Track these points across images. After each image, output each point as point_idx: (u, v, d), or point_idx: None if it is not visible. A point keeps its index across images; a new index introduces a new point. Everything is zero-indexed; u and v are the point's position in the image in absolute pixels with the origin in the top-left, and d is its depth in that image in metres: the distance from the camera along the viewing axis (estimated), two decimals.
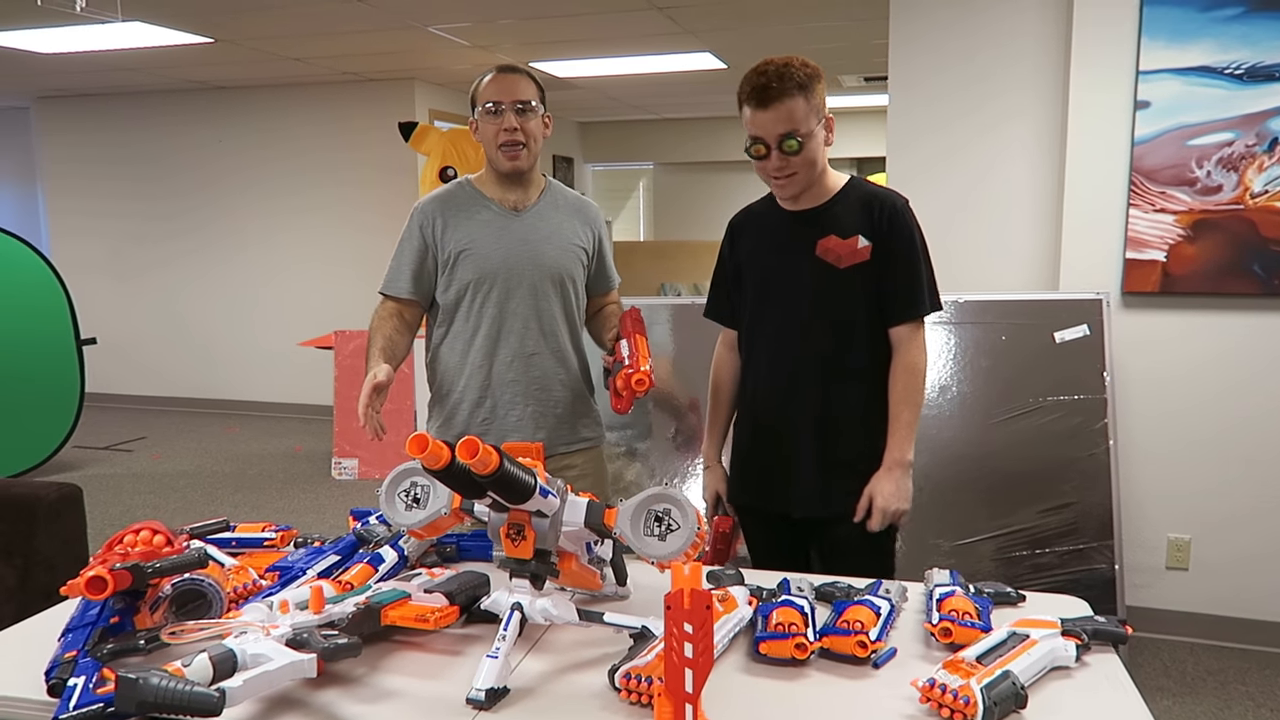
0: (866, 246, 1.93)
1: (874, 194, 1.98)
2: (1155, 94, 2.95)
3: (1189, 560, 3.13)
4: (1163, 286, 3.02)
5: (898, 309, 1.97)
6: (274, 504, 5.02)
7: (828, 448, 1.99)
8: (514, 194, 2.17)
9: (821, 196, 1.98)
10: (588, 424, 2.26)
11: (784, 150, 1.88)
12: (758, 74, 1.88)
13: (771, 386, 2.03)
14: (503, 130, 2.08)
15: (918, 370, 1.98)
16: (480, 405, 2.15)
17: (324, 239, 7.13)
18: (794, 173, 1.91)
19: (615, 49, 5.77)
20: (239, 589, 1.55)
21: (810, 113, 1.88)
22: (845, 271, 1.94)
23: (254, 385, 7.40)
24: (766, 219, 2.07)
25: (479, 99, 2.12)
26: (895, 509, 1.95)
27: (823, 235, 1.95)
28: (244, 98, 7.15)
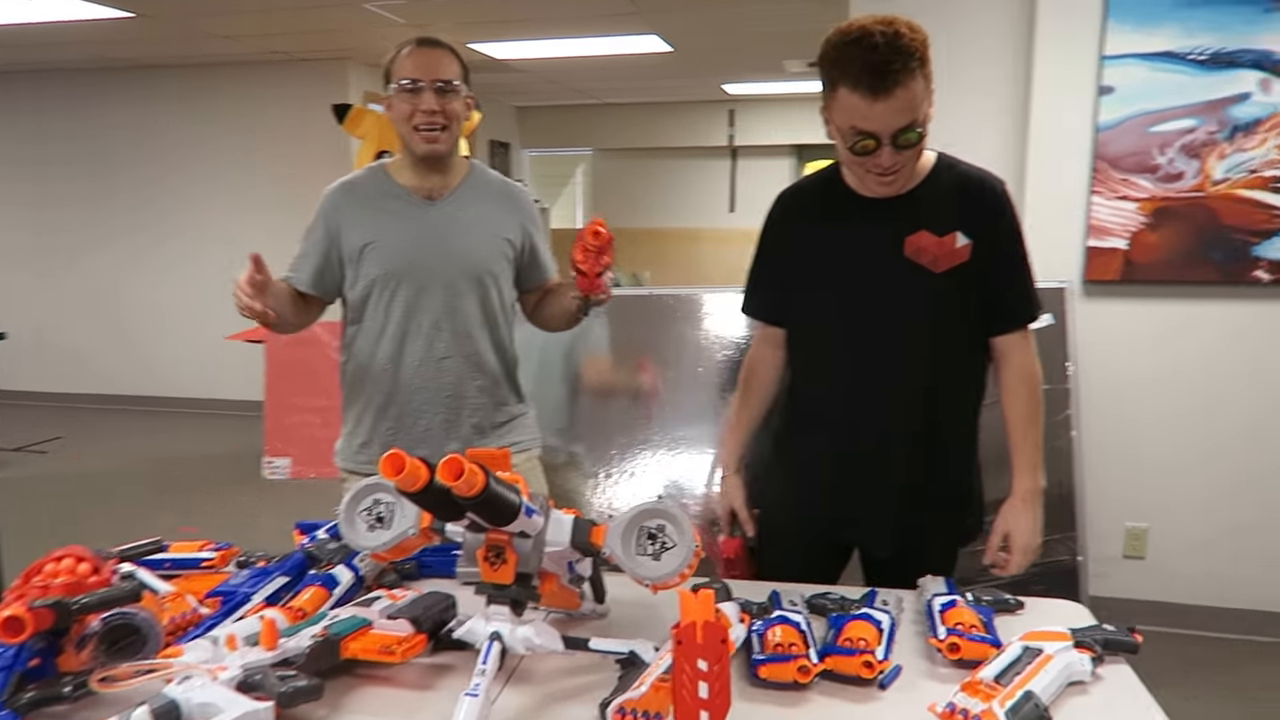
0: (966, 245, 1.62)
1: (970, 177, 1.68)
2: (1120, 79, 2.92)
3: (1146, 549, 3.14)
4: (1124, 275, 3.01)
5: (1009, 314, 1.70)
6: (203, 507, 4.77)
7: (929, 482, 1.72)
8: (430, 180, 1.96)
9: (910, 181, 1.65)
10: (511, 431, 2.06)
11: (900, 145, 1.54)
12: (865, 48, 1.49)
13: (848, 399, 1.72)
14: (419, 111, 1.87)
15: (1037, 382, 1.73)
16: (385, 413, 1.99)
17: (254, 226, 6.82)
18: (903, 167, 1.59)
19: (559, 29, 5.61)
20: (177, 619, 1.40)
21: (926, 93, 1.54)
22: (943, 276, 1.63)
23: (180, 381, 7.08)
24: (834, 202, 1.70)
25: (394, 74, 1.90)
26: (1036, 546, 1.73)
27: (912, 230, 1.63)
28: (170, 77, 6.80)
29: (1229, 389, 3.04)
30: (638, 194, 10.00)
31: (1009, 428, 1.74)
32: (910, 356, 1.67)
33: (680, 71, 7.04)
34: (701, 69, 6.98)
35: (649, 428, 3.07)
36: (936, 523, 1.77)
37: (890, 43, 1.49)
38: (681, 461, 3.04)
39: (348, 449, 2.07)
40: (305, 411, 5.28)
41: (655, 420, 3.08)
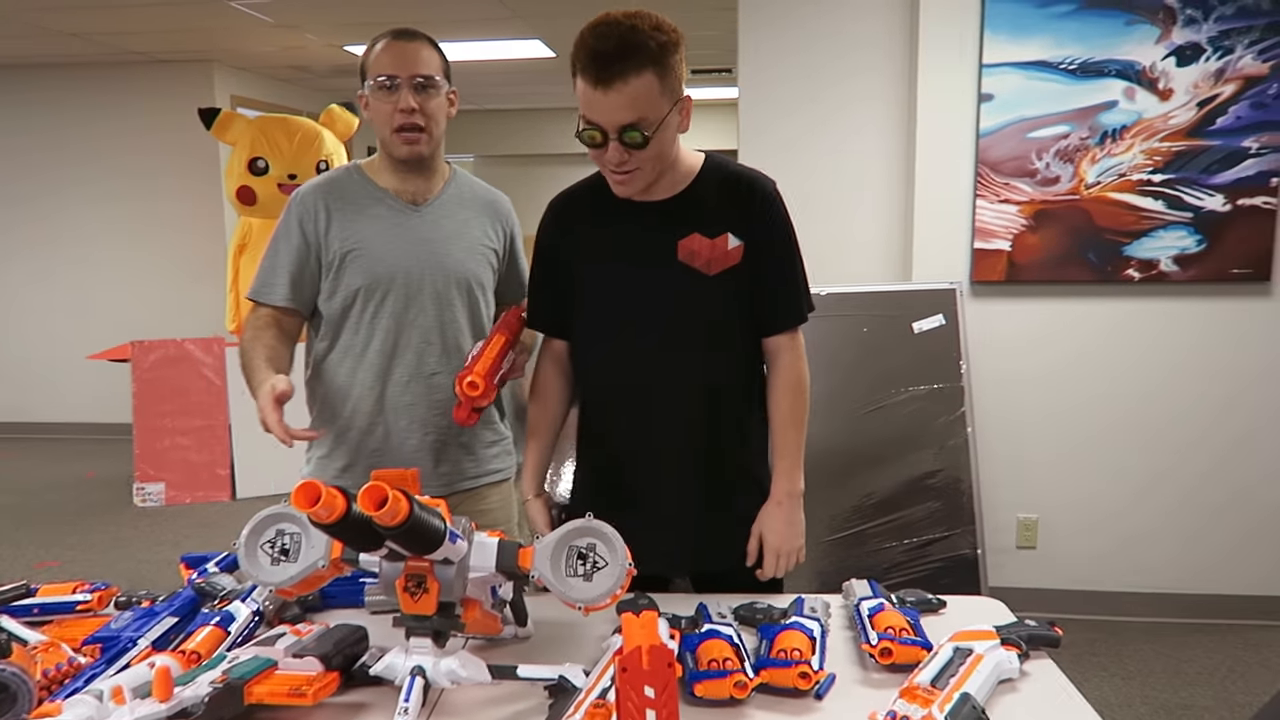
0: (738, 247, 1.59)
1: (740, 177, 1.64)
2: (998, 87, 3.03)
3: (1037, 539, 3.26)
4: (1008, 275, 3.11)
5: (777, 315, 1.65)
6: (67, 539, 4.42)
7: (708, 487, 1.66)
8: (413, 184, 1.83)
9: (677, 184, 1.61)
10: (498, 454, 1.94)
11: (625, 143, 1.48)
12: (598, 36, 1.46)
13: (632, 419, 1.66)
14: (399, 111, 1.74)
15: (802, 385, 1.68)
16: (371, 433, 1.81)
17: (116, 238, 6.42)
18: (636, 168, 1.53)
19: (439, 33, 5.39)
20: (51, 672, 1.26)
21: (663, 95, 1.47)
22: (715, 279, 1.60)
23: (34, 404, 6.57)
24: (604, 207, 1.64)
25: (369, 70, 1.77)
26: (789, 549, 1.66)
27: (684, 234, 1.59)
28: (15, 78, 6.31)
29: (1107, 383, 3.18)
30: (521, 201, 9.72)
31: (772, 430, 1.68)
32: (688, 362, 1.62)
33: (564, 78, 6.96)
34: None
35: None
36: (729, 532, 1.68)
37: (624, 35, 1.45)
38: None
39: (324, 473, 1.84)
40: (178, 434, 4.97)
41: None
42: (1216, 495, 3.20)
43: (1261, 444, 3.16)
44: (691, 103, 1.56)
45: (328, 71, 6.59)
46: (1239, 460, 3.17)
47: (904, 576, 2.83)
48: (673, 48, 1.48)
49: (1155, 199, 3.03)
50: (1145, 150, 3.01)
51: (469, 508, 1.85)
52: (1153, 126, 3.00)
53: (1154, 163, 3.01)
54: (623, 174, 1.55)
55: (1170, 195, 3.02)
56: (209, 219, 6.16)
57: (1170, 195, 3.02)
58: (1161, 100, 2.99)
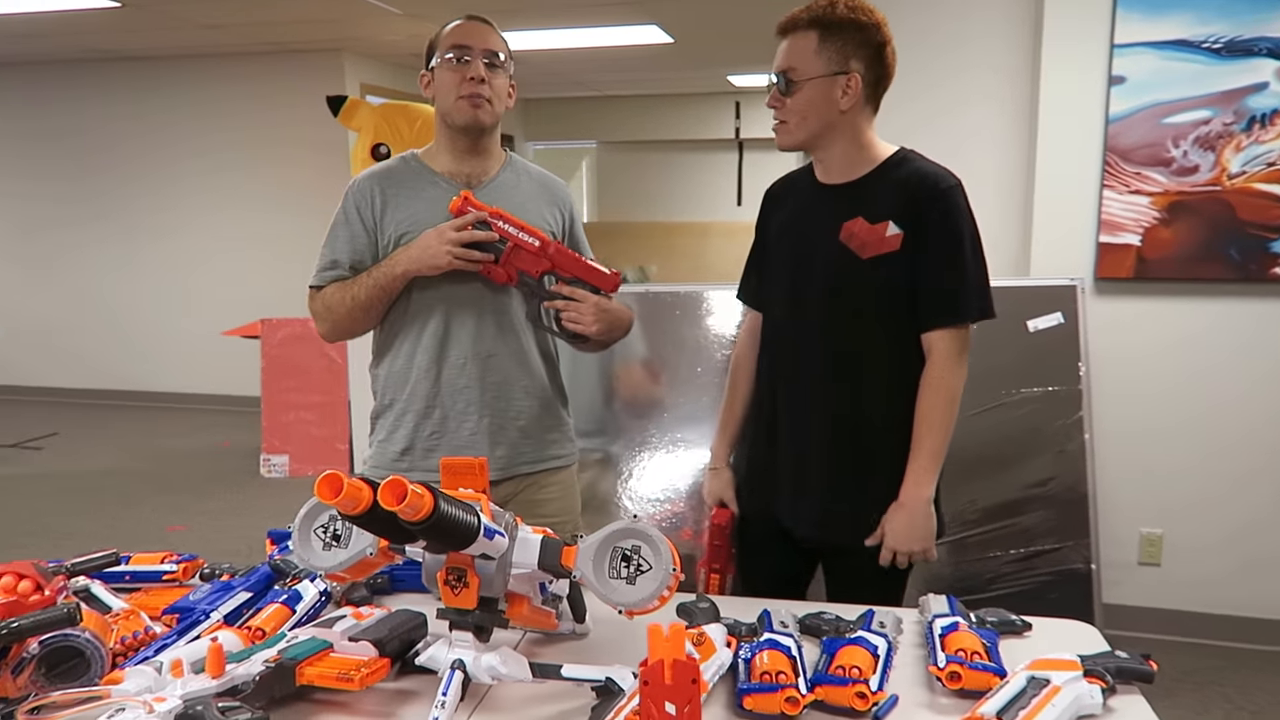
0: (896, 235, 1.63)
1: (918, 172, 1.67)
2: (1131, 69, 2.81)
3: (1161, 555, 3.04)
4: (1137, 272, 2.90)
5: (930, 311, 1.66)
6: (197, 506, 4.70)
7: (837, 463, 1.72)
8: (469, 165, 1.85)
9: (858, 170, 1.69)
10: (557, 440, 1.94)
11: (780, 89, 1.66)
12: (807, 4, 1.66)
13: (780, 384, 1.78)
14: (466, 80, 1.76)
15: (945, 388, 1.67)
16: (428, 417, 1.83)
17: (248, 220, 6.77)
18: (783, 120, 1.68)
19: (560, 19, 5.51)
20: (127, 639, 1.31)
21: (819, 56, 1.62)
22: (868, 262, 1.64)
23: (176, 376, 7.02)
24: (801, 189, 1.80)
25: (440, 45, 1.80)
26: (908, 550, 1.69)
27: (850, 216, 1.66)
28: (159, 69, 6.73)
29: (1246, 389, 2.93)
30: (643, 187, 9.91)
31: (914, 429, 1.70)
32: (834, 340, 1.71)
33: (683, 63, 6.93)
34: (705, 60, 6.87)
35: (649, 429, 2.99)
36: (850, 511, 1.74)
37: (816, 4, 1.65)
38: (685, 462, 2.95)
39: (383, 456, 1.88)
40: (301, 409, 5.20)
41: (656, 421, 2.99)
42: None
43: None
44: (859, 83, 1.64)
45: None
46: None
47: (1008, 589, 2.68)
48: (852, 25, 1.63)
49: None
50: None
51: (529, 495, 1.88)
52: None
53: None
54: (776, 121, 1.70)
55: None
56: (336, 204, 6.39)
57: None
58: None
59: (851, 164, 1.70)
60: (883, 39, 1.66)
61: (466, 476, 1.21)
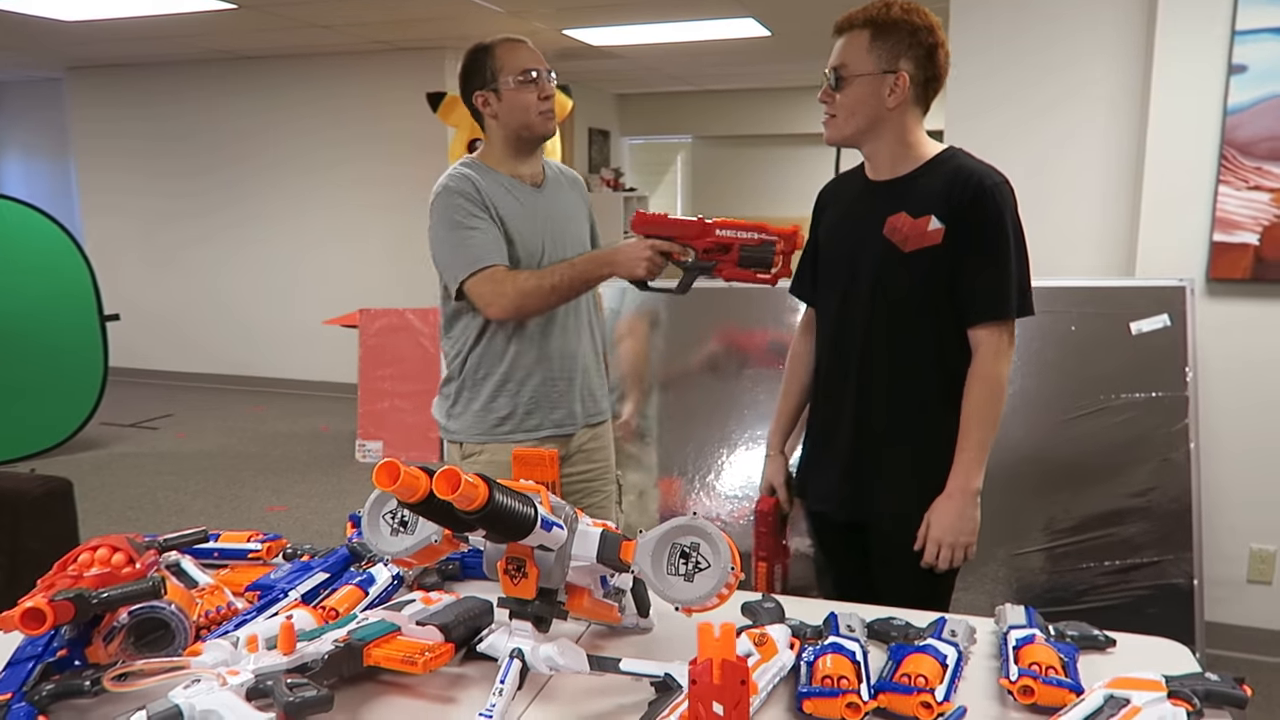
0: (938, 230, 1.67)
1: (962, 169, 1.71)
2: (1253, 56, 2.64)
3: (1274, 573, 2.86)
4: (1255, 273, 2.72)
5: (975, 307, 1.71)
6: (296, 487, 4.88)
7: (872, 446, 1.79)
8: (529, 168, 2.11)
9: (905, 167, 1.75)
10: (606, 396, 2.28)
11: (831, 84, 1.72)
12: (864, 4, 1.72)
13: (825, 377, 1.87)
14: (542, 98, 2.03)
15: (993, 382, 1.71)
16: (526, 384, 2.08)
17: (351, 214, 6.98)
18: (833, 114, 1.74)
19: (655, 14, 5.51)
20: (211, 613, 1.37)
21: (870, 54, 1.68)
22: (910, 256, 1.69)
23: (281, 362, 7.30)
24: (850, 187, 1.87)
25: (505, 68, 2.03)
26: (952, 542, 1.72)
27: (894, 210, 1.72)
28: (271, 68, 6.99)
29: None
30: (738, 182, 9.84)
31: (960, 422, 1.73)
32: (875, 337, 1.75)
33: (780, 56, 6.85)
34: (801, 53, 6.76)
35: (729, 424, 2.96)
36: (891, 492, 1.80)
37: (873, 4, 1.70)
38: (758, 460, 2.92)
39: (482, 424, 2.11)
40: (396, 396, 5.35)
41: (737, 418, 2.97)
42: None
43: None
44: (907, 82, 1.68)
45: (551, 55, 6.78)
46: None
47: (1103, 602, 2.57)
48: (903, 26, 1.67)
49: None
50: None
51: (589, 444, 2.21)
52: None
53: None
54: (825, 115, 1.76)
55: None
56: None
57: None
58: None
59: (897, 161, 1.75)
60: (935, 41, 1.70)
61: (537, 468, 1.22)
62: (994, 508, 2.63)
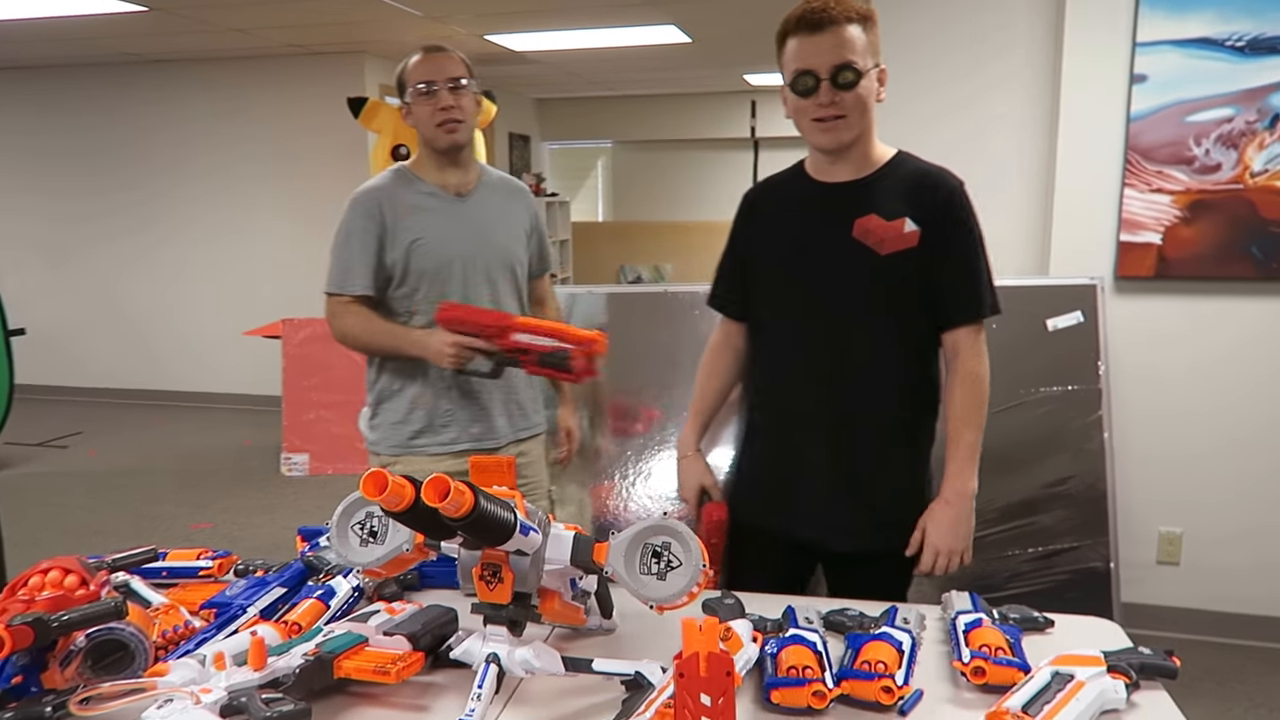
0: (914, 232, 1.65)
1: (927, 172, 1.71)
2: (1153, 67, 2.81)
3: (1180, 554, 3.04)
4: (1158, 271, 2.89)
5: (956, 309, 1.69)
6: (220, 503, 4.75)
7: (858, 465, 1.72)
8: (454, 177, 2.09)
9: (864, 168, 1.70)
10: (537, 409, 2.26)
11: (838, 84, 1.59)
12: (807, 5, 1.63)
13: (792, 385, 1.76)
14: (438, 109, 2.01)
15: (980, 381, 1.71)
16: (442, 397, 2.07)
17: (270, 221, 6.82)
18: (844, 115, 1.62)
19: (577, 20, 5.53)
20: (168, 633, 1.35)
21: (867, 49, 1.62)
22: (886, 259, 1.65)
23: (198, 375, 7.08)
24: (792, 190, 1.78)
25: (409, 80, 2.05)
26: (950, 549, 1.71)
27: (862, 213, 1.66)
28: (183, 71, 6.78)
29: (1266, 388, 2.92)
30: (659, 186, 9.92)
31: (949, 425, 1.73)
32: (854, 341, 1.70)
33: (700, 62, 6.94)
34: (722, 60, 6.88)
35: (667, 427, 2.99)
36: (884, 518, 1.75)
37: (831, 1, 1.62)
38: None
39: (397, 435, 2.11)
40: (322, 407, 5.25)
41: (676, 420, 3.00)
42: None
43: None
44: (887, 74, 1.68)
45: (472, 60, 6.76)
46: None
47: (1027, 587, 2.69)
48: (871, 19, 1.64)
49: None
50: None
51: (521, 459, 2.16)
52: None
53: None
54: (831, 118, 1.63)
55: None
56: None
57: None
58: None
59: (866, 160, 1.71)
60: None
61: (495, 474, 1.24)
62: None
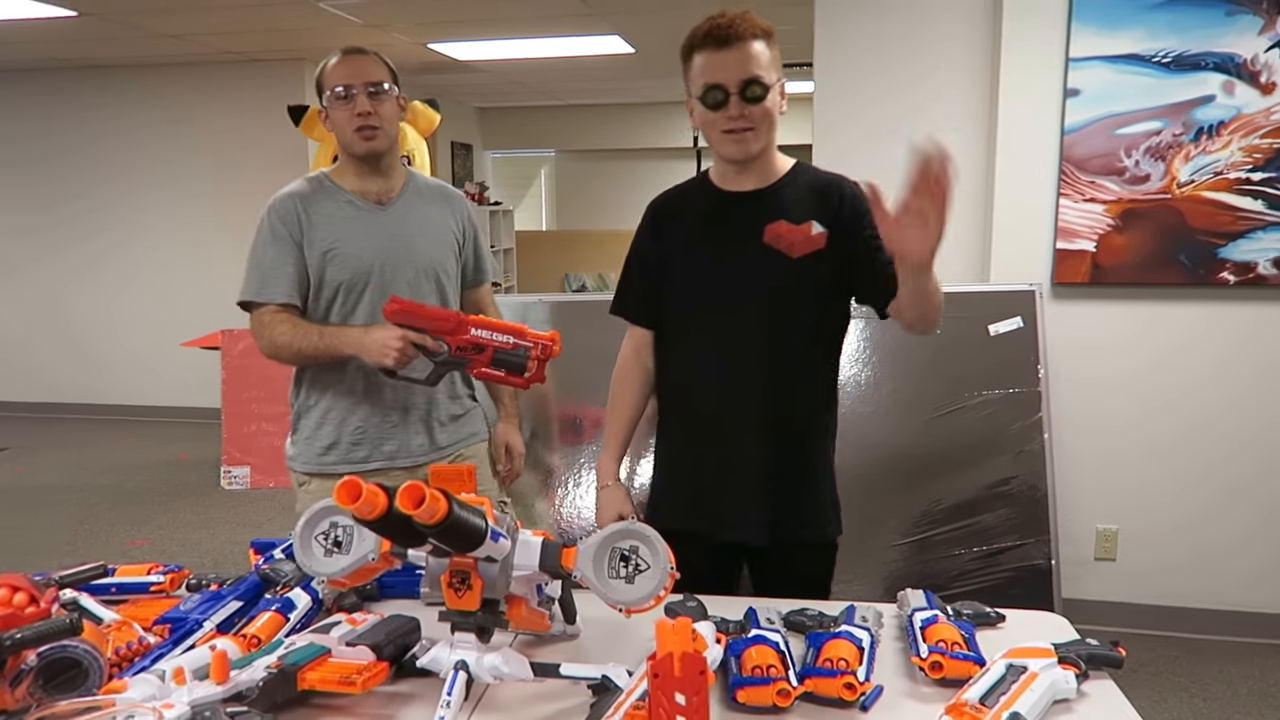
0: (821, 234, 1.72)
1: (827, 177, 1.79)
2: (1085, 82, 2.91)
3: (1116, 551, 3.14)
4: (1092, 277, 3.00)
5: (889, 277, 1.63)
6: (158, 519, 4.63)
7: (775, 464, 1.77)
8: (375, 184, 2.01)
9: (769, 177, 1.77)
10: (466, 420, 2.14)
11: (746, 97, 1.66)
12: (713, 21, 1.68)
13: (712, 392, 1.79)
14: (355, 115, 1.93)
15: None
16: (354, 412, 2.00)
17: (209, 231, 6.67)
18: (753, 127, 1.69)
19: (520, 29, 5.54)
20: (122, 650, 1.32)
21: (771, 64, 1.69)
22: (798, 262, 1.72)
23: (132, 388, 6.88)
24: (700, 199, 1.82)
25: (326, 83, 1.96)
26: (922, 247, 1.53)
27: (771, 219, 1.73)
28: (119, 78, 6.61)
29: (1195, 391, 3.05)
30: (603, 195, 9.95)
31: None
32: (768, 343, 1.75)
33: (643, 72, 6.99)
34: (665, 70, 6.93)
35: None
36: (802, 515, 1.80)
37: (739, 15, 1.67)
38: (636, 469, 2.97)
39: (309, 452, 2.04)
40: (263, 420, 5.15)
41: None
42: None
43: None
44: (785, 88, 1.74)
45: (413, 69, 6.73)
46: None
47: (973, 585, 2.76)
48: (773, 36, 1.71)
49: (1254, 198, 2.88)
50: (1244, 147, 2.86)
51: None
52: (1253, 122, 2.85)
53: (1253, 160, 2.86)
54: (741, 130, 1.69)
55: (1271, 195, 2.87)
56: None
57: (1271, 195, 2.87)
58: (1263, 94, 2.84)
59: (770, 169, 1.78)
60: None
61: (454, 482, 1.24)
62: (869, 503, 2.81)
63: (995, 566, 2.81)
